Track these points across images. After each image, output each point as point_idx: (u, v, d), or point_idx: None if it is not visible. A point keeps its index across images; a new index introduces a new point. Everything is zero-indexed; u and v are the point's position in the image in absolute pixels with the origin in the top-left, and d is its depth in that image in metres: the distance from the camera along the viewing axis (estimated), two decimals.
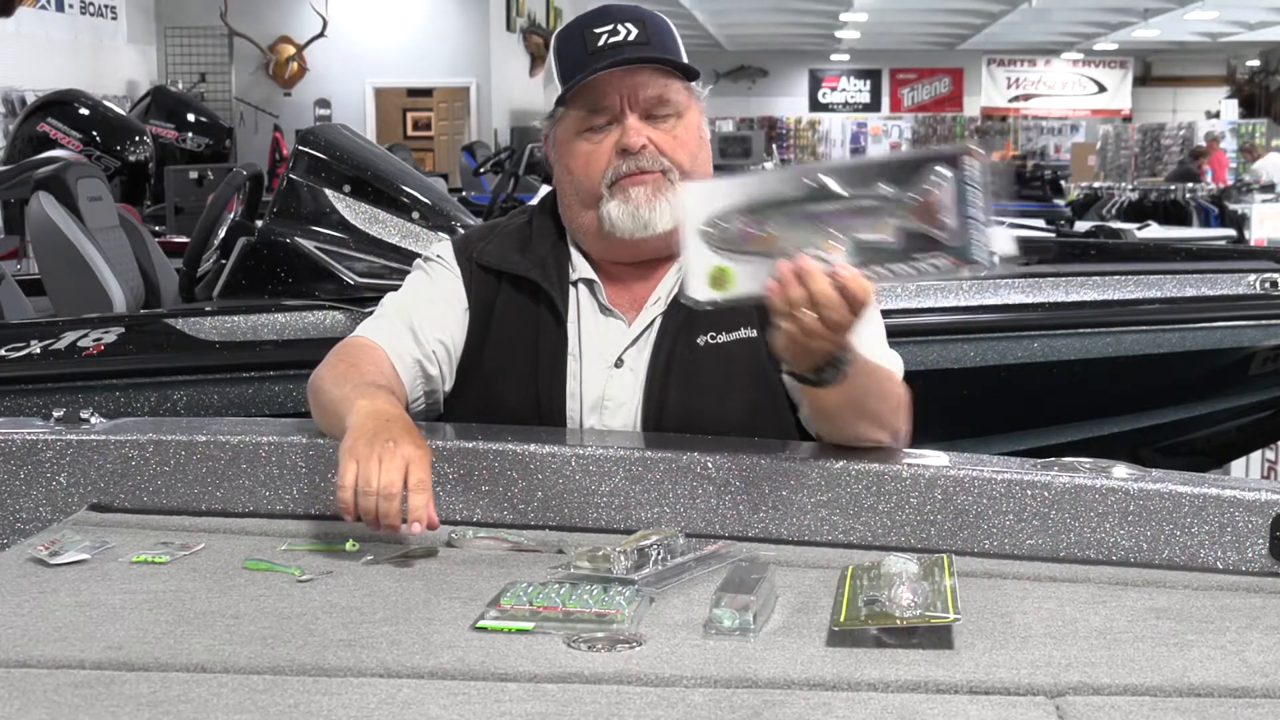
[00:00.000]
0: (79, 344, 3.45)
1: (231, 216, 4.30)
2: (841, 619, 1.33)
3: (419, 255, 2.03)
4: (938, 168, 1.43)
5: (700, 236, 1.49)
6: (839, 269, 1.46)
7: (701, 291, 1.51)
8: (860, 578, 1.42)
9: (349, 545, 1.61)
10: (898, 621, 1.30)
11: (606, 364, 1.88)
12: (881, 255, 1.46)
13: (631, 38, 1.82)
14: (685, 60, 1.87)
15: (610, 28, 1.83)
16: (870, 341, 1.78)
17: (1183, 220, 10.87)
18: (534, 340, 1.88)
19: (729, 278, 1.49)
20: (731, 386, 1.85)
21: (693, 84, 1.88)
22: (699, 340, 1.86)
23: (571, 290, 1.91)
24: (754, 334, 1.85)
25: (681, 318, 1.86)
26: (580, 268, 1.91)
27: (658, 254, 1.88)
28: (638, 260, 1.89)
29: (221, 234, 4.18)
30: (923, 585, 1.35)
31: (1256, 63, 28.50)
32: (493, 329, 1.91)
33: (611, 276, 1.91)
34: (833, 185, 1.45)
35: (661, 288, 1.90)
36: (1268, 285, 3.89)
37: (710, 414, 1.82)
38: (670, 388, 1.85)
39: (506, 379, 1.89)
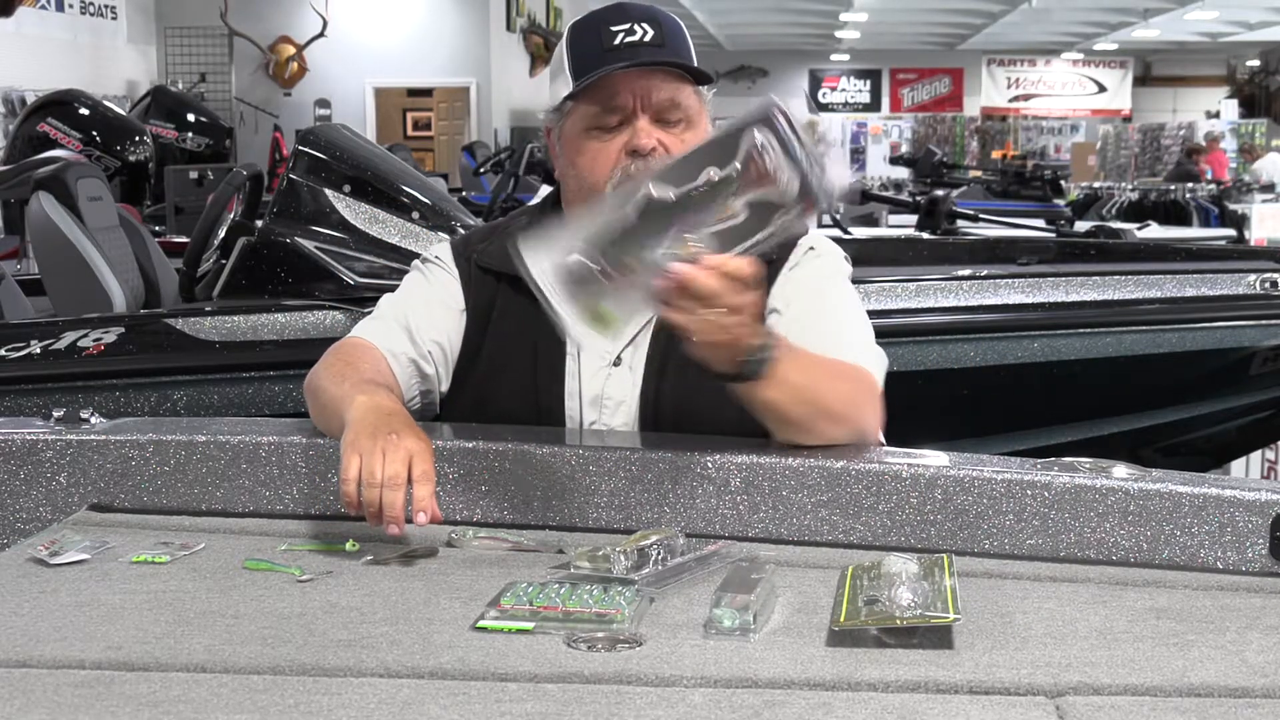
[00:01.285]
0: (79, 344, 3.45)
1: (231, 216, 4.29)
2: (841, 619, 1.33)
3: (419, 255, 2.03)
4: (753, 133, 1.43)
5: (561, 289, 1.46)
6: (708, 260, 1.47)
7: (587, 336, 1.50)
8: (860, 578, 1.41)
9: (349, 545, 1.61)
10: (898, 621, 1.30)
11: (605, 362, 1.88)
12: (738, 235, 1.47)
13: (648, 38, 1.82)
14: (696, 63, 1.86)
15: (627, 26, 1.82)
16: (826, 337, 1.78)
17: (1183, 220, 10.86)
18: (532, 341, 1.88)
19: (608, 316, 1.48)
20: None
21: (704, 89, 1.87)
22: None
23: None
24: None
25: None
26: None
27: None
28: None
29: (221, 234, 4.18)
30: (923, 585, 1.35)
31: (1256, 63, 28.49)
32: (491, 329, 1.91)
33: None
34: (659, 193, 1.45)
35: None
36: (1268, 285, 3.89)
37: (707, 410, 1.81)
38: (666, 384, 1.85)
39: (505, 379, 1.89)
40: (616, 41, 1.81)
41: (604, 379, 1.87)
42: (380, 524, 1.54)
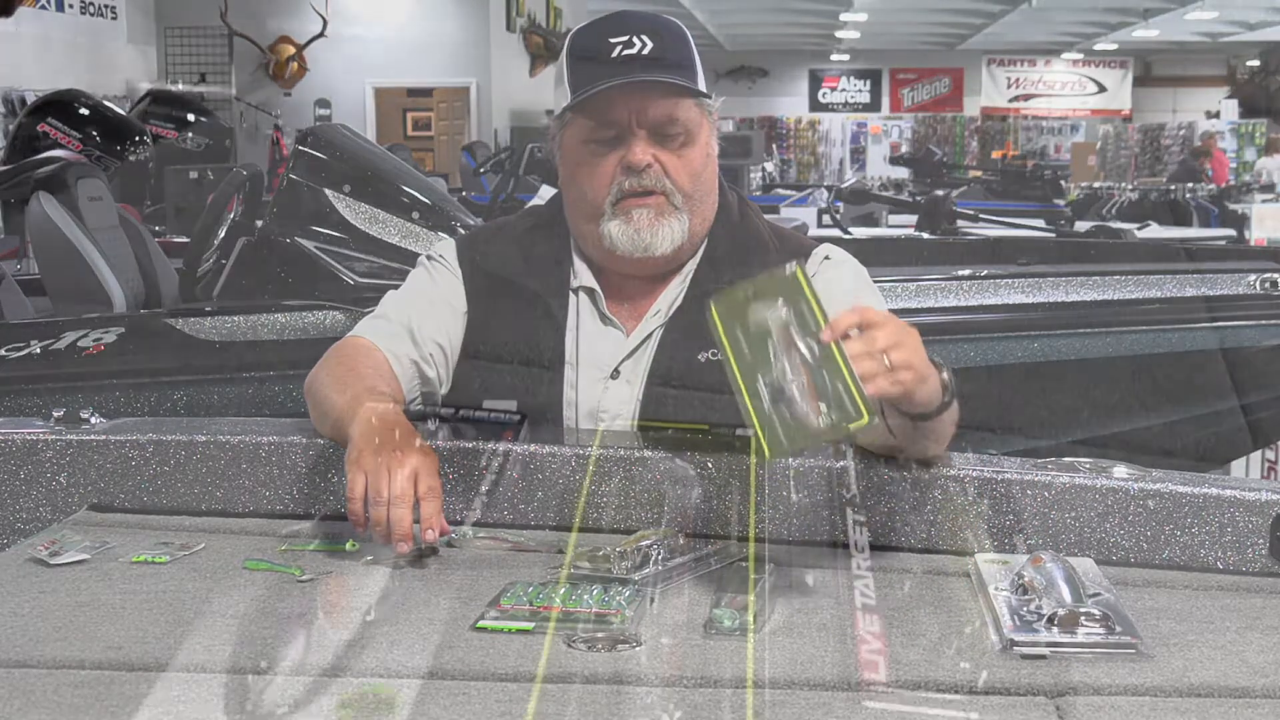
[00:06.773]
0: (79, 344, 3.45)
1: (231, 216, 4.30)
2: (766, 450, 1.36)
3: (419, 255, 2.02)
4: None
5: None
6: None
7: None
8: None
9: (349, 545, 1.61)
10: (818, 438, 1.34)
11: (602, 374, 1.86)
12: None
13: (646, 51, 1.79)
14: (699, 70, 1.84)
15: (625, 39, 1.79)
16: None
17: (1183, 220, 10.87)
18: (531, 349, 1.87)
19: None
20: (731, 403, 1.84)
21: (708, 100, 1.84)
22: (700, 357, 1.84)
23: (571, 298, 1.89)
24: None
25: (681, 332, 1.85)
26: (582, 275, 1.90)
27: (659, 269, 1.87)
28: (640, 274, 1.89)
29: (221, 234, 4.18)
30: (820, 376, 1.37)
31: (1256, 63, 28.47)
32: (491, 333, 1.90)
33: (613, 285, 1.90)
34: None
35: (662, 300, 1.89)
36: (1268, 285, 3.89)
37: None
38: (669, 402, 1.84)
39: (503, 384, 1.88)
40: (614, 55, 1.78)
41: (601, 391, 1.86)
42: (389, 543, 1.53)
